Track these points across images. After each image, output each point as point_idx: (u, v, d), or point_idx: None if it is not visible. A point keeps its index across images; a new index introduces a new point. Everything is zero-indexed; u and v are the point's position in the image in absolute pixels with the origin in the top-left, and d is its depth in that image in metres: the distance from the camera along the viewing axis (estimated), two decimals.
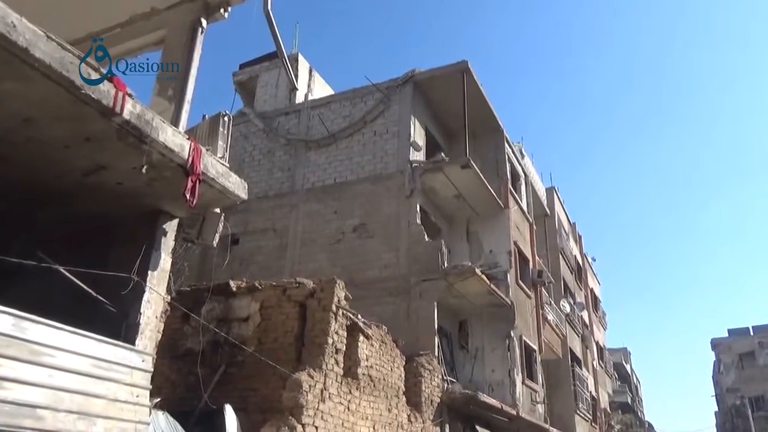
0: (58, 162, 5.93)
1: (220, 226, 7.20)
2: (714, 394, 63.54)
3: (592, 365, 30.28)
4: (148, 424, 6.47)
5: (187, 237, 7.27)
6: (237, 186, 6.93)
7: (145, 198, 6.70)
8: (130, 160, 5.94)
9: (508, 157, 21.03)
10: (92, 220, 7.01)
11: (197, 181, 6.15)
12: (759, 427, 38.68)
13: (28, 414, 5.22)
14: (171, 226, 7.11)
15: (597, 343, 33.60)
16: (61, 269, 5.99)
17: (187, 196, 6.01)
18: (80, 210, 6.88)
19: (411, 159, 16.95)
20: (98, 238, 7.33)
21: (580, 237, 35.07)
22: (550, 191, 28.55)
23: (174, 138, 6.05)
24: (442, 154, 17.36)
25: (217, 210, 7.22)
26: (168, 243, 7.15)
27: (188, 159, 6.09)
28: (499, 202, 18.95)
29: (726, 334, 55.48)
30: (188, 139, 6.24)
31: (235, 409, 8.84)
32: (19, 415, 5.17)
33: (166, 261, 7.11)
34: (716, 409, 64.32)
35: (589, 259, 36.81)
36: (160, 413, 7.42)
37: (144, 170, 5.83)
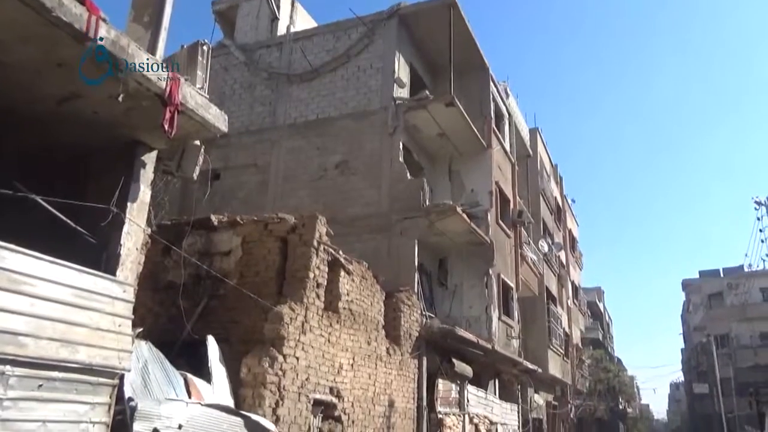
0: (30, 88, 5.75)
1: (201, 159, 7.11)
2: (681, 332, 66.17)
3: (567, 303, 31.17)
4: (131, 352, 6.58)
5: (167, 169, 7.20)
6: (217, 118, 6.82)
7: (123, 128, 6.57)
8: (105, 89, 5.78)
9: (493, 96, 20.83)
10: (69, 150, 6.87)
11: (176, 112, 6.03)
12: (722, 363, 40.52)
13: (9, 341, 5.27)
14: (150, 158, 7.01)
15: (572, 283, 34.49)
16: (38, 199, 5.91)
17: (166, 126, 5.91)
18: (56, 139, 6.74)
19: (395, 96, 16.72)
20: (76, 169, 7.22)
21: (561, 178, 35.34)
22: (533, 132, 28.52)
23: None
24: (427, 91, 17.14)
25: (197, 142, 7.12)
26: (147, 175, 7.07)
27: (166, 88, 5.94)
28: (482, 141, 18.90)
29: (697, 276, 57.27)
30: (166, 67, 6.07)
31: (218, 340, 8.99)
32: (2, 342, 5.21)
33: (145, 193, 7.05)
34: (683, 346, 67.10)
35: (569, 201, 37.26)
36: (142, 343, 7.52)
37: (120, 99, 5.68)
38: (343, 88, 17.35)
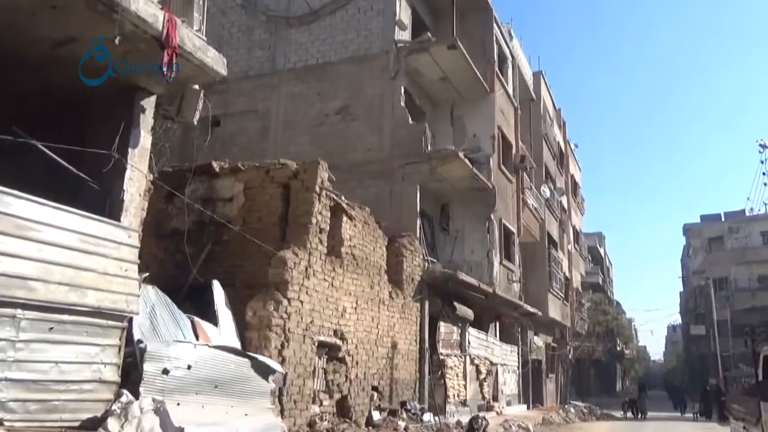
0: (24, 30, 5.64)
1: (200, 103, 7.05)
2: (681, 276, 66.90)
3: (568, 248, 31.39)
4: (138, 296, 6.71)
5: (167, 114, 7.15)
6: (216, 61, 6.72)
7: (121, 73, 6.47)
8: (101, 32, 5.67)
9: (496, 38, 20.38)
10: (67, 96, 6.79)
11: (174, 55, 5.93)
12: (719, 305, 41.11)
13: (19, 285, 5.38)
14: (149, 103, 6.95)
15: (574, 228, 34.63)
16: (39, 145, 5.89)
17: (164, 70, 5.82)
18: (53, 84, 6.65)
19: (396, 39, 16.36)
20: (75, 115, 7.17)
21: (564, 123, 34.95)
22: (537, 75, 28.01)
23: (146, 7, 5.75)
24: (428, 33, 16.76)
25: (196, 87, 7.04)
26: (147, 120, 7.02)
27: (163, 31, 5.83)
28: (485, 85, 18.62)
29: (698, 221, 57.41)
30: (162, 9, 5.94)
31: (223, 285, 9.14)
32: (12, 287, 5.32)
33: (146, 139, 7.02)
34: (682, 290, 67.99)
35: (572, 145, 36.97)
36: (149, 287, 7.65)
37: (117, 42, 5.58)
38: (343, 31, 16.97)
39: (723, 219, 52.60)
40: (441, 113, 19.08)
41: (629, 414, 26.68)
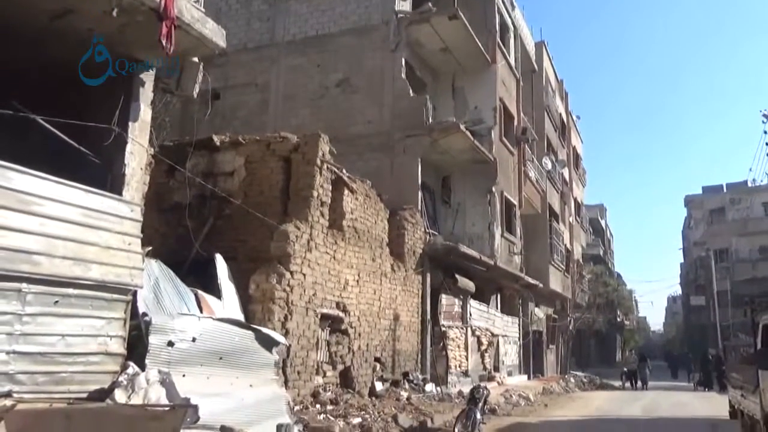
0: (22, 2, 5.57)
1: (200, 76, 7.00)
2: (682, 247, 67.03)
3: (569, 220, 31.41)
4: (142, 269, 6.75)
5: (166, 88, 7.10)
6: (214, 33, 6.65)
7: (119, 46, 6.42)
8: (98, 3, 5.61)
9: (498, 8, 20.09)
10: (66, 71, 6.73)
11: (172, 27, 5.86)
12: (720, 276, 41.27)
13: (24, 259, 5.41)
14: (148, 76, 6.90)
15: (575, 200, 34.61)
16: (39, 119, 5.87)
17: (163, 42, 5.77)
18: (51, 58, 6.59)
19: (396, 9, 16.15)
20: (74, 89, 7.11)
21: (566, 94, 34.66)
22: (539, 46, 27.67)
23: None
24: (429, 4, 16.52)
25: (195, 59, 6.98)
26: (146, 94, 6.98)
27: (161, 2, 5.76)
28: (487, 56, 18.43)
29: (700, 192, 57.32)
30: None
31: (225, 259, 9.19)
32: (16, 261, 5.35)
33: (146, 112, 6.99)
34: (682, 261, 68.17)
35: (574, 117, 36.73)
36: (153, 261, 7.69)
37: (114, 14, 5.52)
38: (342, 1, 16.74)
39: (725, 190, 52.47)
40: (442, 85, 18.94)
41: (627, 385, 25.88)
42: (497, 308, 19.70)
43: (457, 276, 15.41)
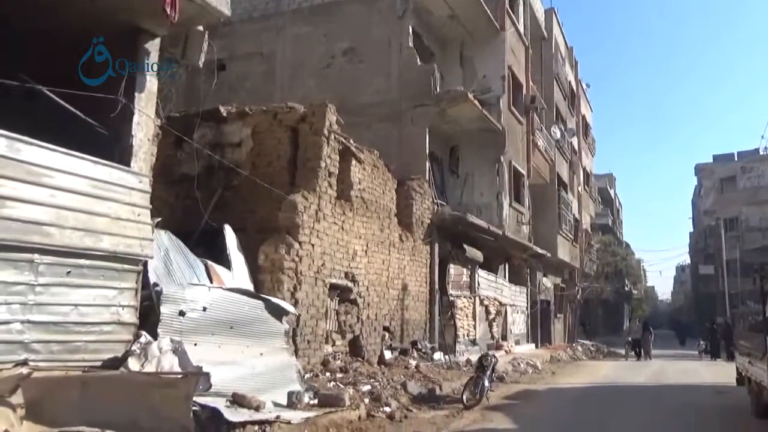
0: None
1: (205, 45, 6.94)
2: (691, 216, 66.71)
3: (578, 190, 31.25)
4: (152, 240, 6.80)
5: (171, 57, 7.03)
6: (219, 0, 6.56)
7: (123, 14, 6.36)
8: None
9: None
10: (70, 39, 6.69)
11: None
12: (729, 245, 41.11)
13: (35, 231, 5.46)
14: (153, 46, 6.85)
15: (584, 169, 34.36)
16: (45, 90, 5.86)
17: (168, 10, 5.70)
18: (55, 29, 6.54)
19: None
20: (79, 62, 7.07)
21: (576, 62, 34.15)
22: (549, 13, 27.17)
23: None
24: None
25: (200, 28, 6.91)
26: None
27: None
28: (495, 23, 18.13)
29: (711, 161, 56.71)
30: None
31: (234, 229, 9.23)
32: (28, 232, 5.41)
33: (152, 83, 6.96)
34: (691, 230, 67.93)
35: (583, 85, 36.24)
36: (162, 232, 7.74)
37: None
38: None
39: (736, 159, 51.90)
40: (450, 54, 18.69)
41: (632, 354, 24.16)
42: (505, 278, 19.77)
43: (465, 246, 15.43)
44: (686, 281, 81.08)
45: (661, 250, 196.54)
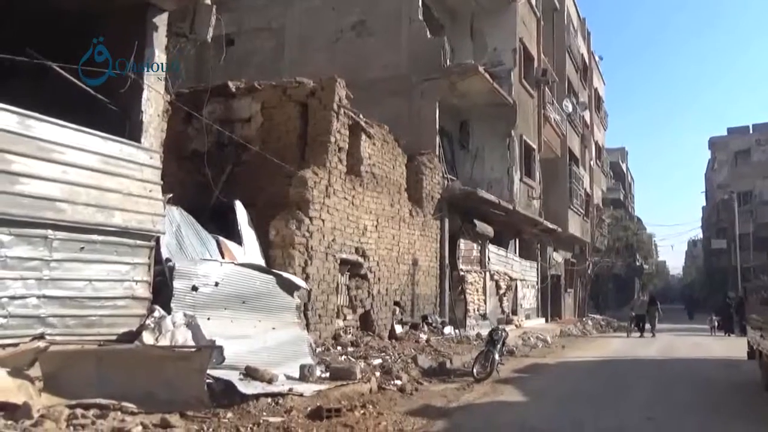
0: None
1: (213, 19, 6.89)
2: (704, 190, 66.04)
3: (589, 164, 30.97)
4: (164, 216, 6.85)
5: (180, 32, 6.99)
6: None
7: None
8: None
9: None
10: (77, 14, 6.66)
11: None
12: (742, 219, 40.75)
13: (47, 207, 5.51)
14: (161, 20, 6.80)
15: (596, 143, 33.99)
16: (54, 66, 5.85)
17: None
18: (63, 5, 6.51)
19: None
20: (87, 37, 7.04)
21: (588, 34, 33.53)
22: None
23: None
24: None
25: (208, 1, 6.85)
26: (160, 39, 6.90)
27: None
28: None
29: (725, 134, 55.91)
30: None
31: (245, 205, 9.27)
32: (41, 208, 5.46)
33: (160, 58, 6.93)
34: (704, 204, 67.32)
35: (596, 58, 35.65)
36: (174, 208, 7.79)
37: None
38: None
39: (751, 131, 51.14)
40: (460, 26, 18.43)
41: (634, 330, 21.30)
42: (516, 252, 19.76)
43: (475, 221, 15.40)
44: (698, 256, 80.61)
45: (673, 224, 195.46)
